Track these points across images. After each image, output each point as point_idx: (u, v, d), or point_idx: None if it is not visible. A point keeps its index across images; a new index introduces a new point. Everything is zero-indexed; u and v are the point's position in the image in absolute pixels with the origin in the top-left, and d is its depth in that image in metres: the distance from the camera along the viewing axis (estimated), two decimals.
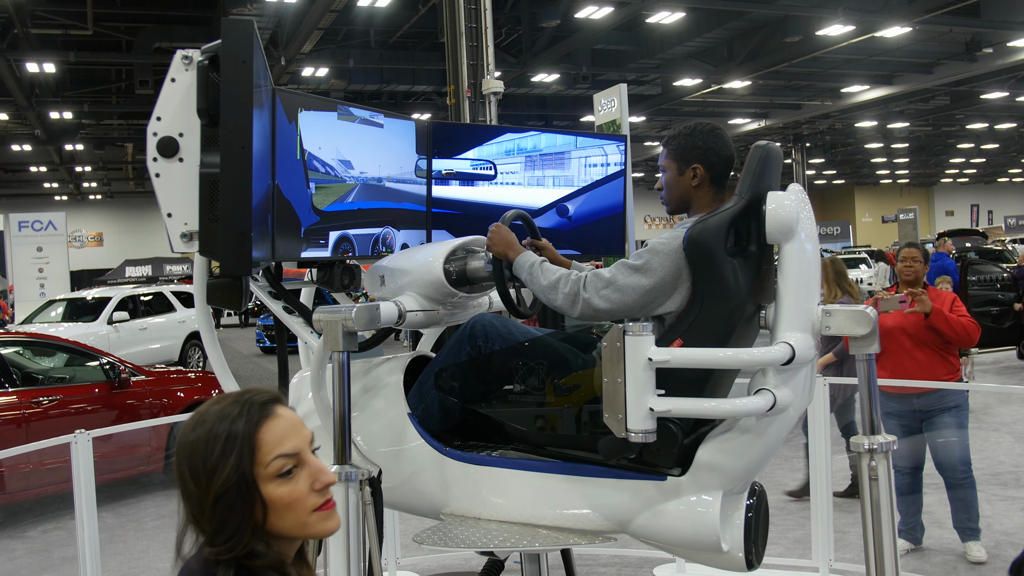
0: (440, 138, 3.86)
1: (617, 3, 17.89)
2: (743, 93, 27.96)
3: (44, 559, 6.50)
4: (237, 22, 2.30)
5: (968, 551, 5.50)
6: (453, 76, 11.72)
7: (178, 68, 2.51)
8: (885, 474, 2.69)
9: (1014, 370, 13.18)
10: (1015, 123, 38.73)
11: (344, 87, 24.29)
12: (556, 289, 2.78)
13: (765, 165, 2.73)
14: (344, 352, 2.69)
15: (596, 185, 3.99)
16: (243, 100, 2.28)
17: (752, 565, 2.70)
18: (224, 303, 2.65)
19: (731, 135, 2.80)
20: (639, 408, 2.46)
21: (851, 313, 2.68)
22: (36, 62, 19.51)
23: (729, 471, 2.65)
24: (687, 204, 2.90)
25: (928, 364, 5.46)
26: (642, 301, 2.68)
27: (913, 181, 61.20)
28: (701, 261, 2.62)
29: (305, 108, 3.01)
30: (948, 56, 24.61)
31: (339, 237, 3.27)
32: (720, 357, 2.55)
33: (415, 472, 3.00)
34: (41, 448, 5.03)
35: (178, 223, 2.53)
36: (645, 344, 2.46)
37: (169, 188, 2.52)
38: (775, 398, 2.51)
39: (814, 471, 5.22)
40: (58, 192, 42.68)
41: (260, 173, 2.65)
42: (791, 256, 2.63)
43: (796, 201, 2.65)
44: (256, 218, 2.56)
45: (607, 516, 2.76)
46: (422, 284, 3.13)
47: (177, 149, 2.51)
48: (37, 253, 20.28)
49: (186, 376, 9.38)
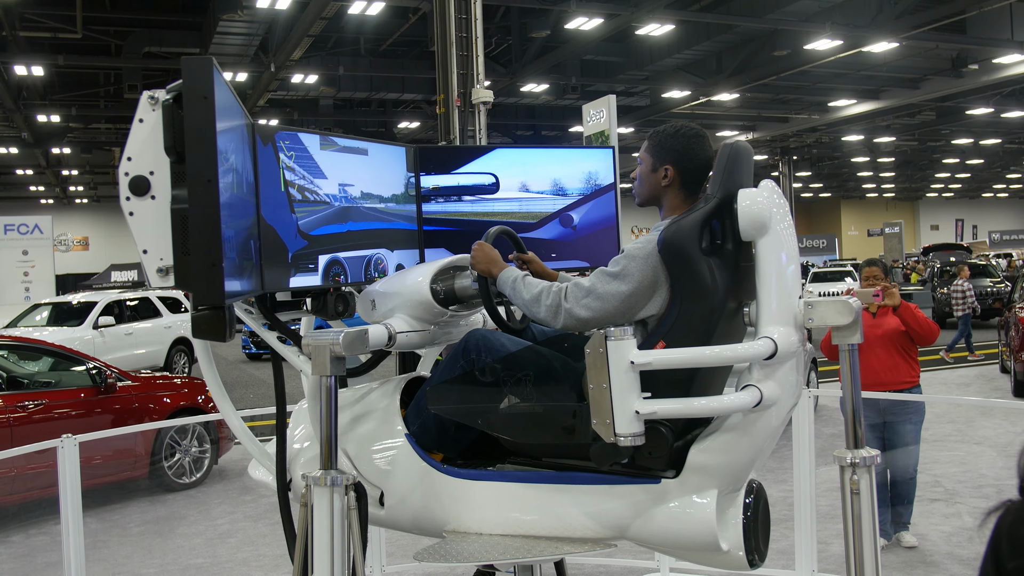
0: (431, 158, 3.91)
1: (607, 15, 17.98)
2: (731, 105, 28.12)
3: (27, 564, 6.47)
4: (196, 59, 2.36)
5: (902, 540, 6.02)
6: (443, 85, 11.76)
7: (145, 108, 2.57)
8: (867, 488, 2.68)
9: (996, 383, 13.27)
10: (1000, 139, 39.06)
11: (333, 94, 24.31)
12: (538, 302, 2.81)
13: (735, 163, 2.75)
14: (332, 377, 2.72)
15: (599, 194, 4.03)
16: (206, 135, 2.34)
17: (754, 564, 2.70)
18: (209, 335, 2.66)
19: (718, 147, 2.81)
20: (625, 412, 2.48)
21: (833, 303, 2.67)
22: (24, 65, 19.44)
23: (721, 470, 2.65)
24: (656, 200, 2.94)
25: (892, 365, 5.93)
26: (623, 307, 2.70)
27: (899, 195, 61.62)
28: (677, 262, 2.64)
29: (284, 136, 3.08)
30: (934, 72, 24.84)
31: (329, 261, 3.30)
32: (701, 356, 2.55)
33: (414, 492, 3.01)
34: (27, 452, 5.02)
35: (154, 259, 2.57)
36: (627, 348, 2.48)
37: (143, 225, 2.57)
38: (761, 393, 2.53)
39: (798, 481, 5.26)
40: (44, 195, 42.52)
41: (241, 206, 2.70)
42: (767, 251, 2.64)
43: (768, 197, 2.66)
44: (238, 250, 2.60)
45: (604, 523, 2.76)
46: (411, 305, 3.15)
47: (148, 187, 2.56)
48: (22, 256, 20.23)
49: (172, 382, 9.34)
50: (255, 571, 6.07)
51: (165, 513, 7.74)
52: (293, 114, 26.65)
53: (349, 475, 2.76)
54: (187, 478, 8.49)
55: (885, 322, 5.90)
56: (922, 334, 5.86)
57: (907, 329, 5.88)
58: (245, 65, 20.53)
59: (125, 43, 19.73)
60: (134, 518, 7.58)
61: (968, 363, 15.68)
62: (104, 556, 6.51)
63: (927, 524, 6.46)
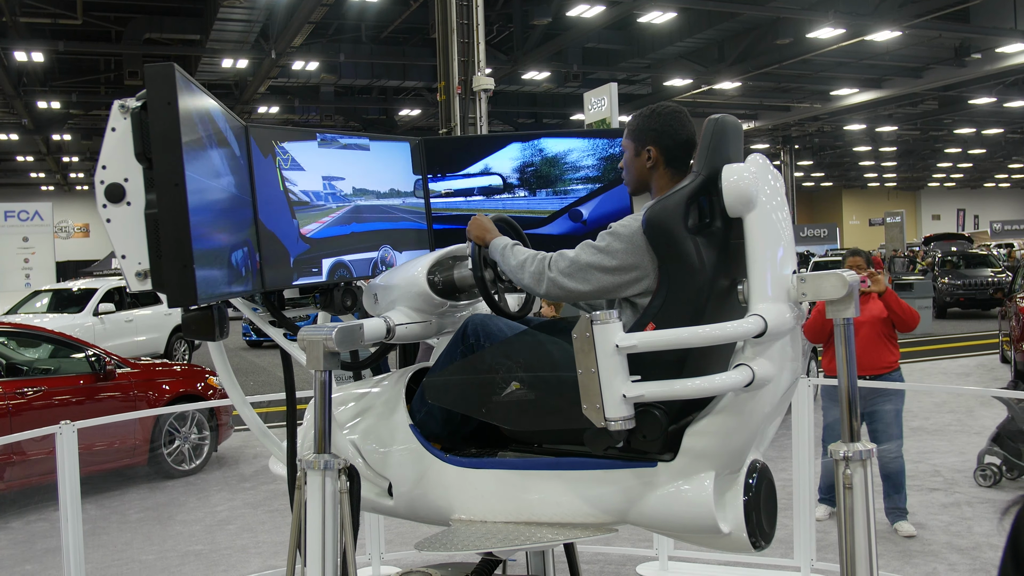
0: (438, 154, 3.89)
1: (609, 2, 17.91)
2: (733, 94, 28.03)
3: (27, 550, 6.48)
4: (159, 67, 2.40)
5: (899, 529, 6.04)
6: (444, 72, 11.74)
7: (116, 117, 2.60)
8: (861, 483, 2.62)
9: (996, 372, 13.27)
10: (1002, 128, 38.98)
11: (334, 81, 24.25)
12: (523, 269, 2.82)
13: (720, 138, 2.70)
14: (325, 372, 2.76)
15: (609, 187, 3.95)
16: (172, 140, 2.38)
17: (758, 545, 2.66)
18: (200, 335, 2.77)
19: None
20: (613, 396, 2.46)
21: (827, 276, 2.59)
22: (24, 51, 19.40)
23: (717, 452, 2.61)
24: (645, 185, 2.91)
25: (874, 349, 6.10)
26: (605, 281, 2.69)
27: (900, 185, 61.52)
28: (662, 242, 2.61)
29: (281, 140, 3.13)
30: (937, 61, 24.76)
31: (334, 264, 3.34)
32: (687, 336, 2.49)
33: (420, 482, 3.03)
34: (25, 439, 5.02)
35: (132, 263, 2.61)
36: (613, 331, 2.46)
37: (120, 231, 2.61)
38: (753, 372, 2.48)
39: (797, 471, 5.25)
40: (45, 182, 42.50)
41: (231, 207, 2.76)
42: (755, 227, 2.59)
43: (755, 171, 2.61)
44: (228, 250, 2.67)
45: (604, 508, 2.75)
46: (410, 297, 3.17)
47: (124, 194, 2.61)
48: (23, 243, 20.20)
49: (172, 369, 9.34)
50: (254, 558, 6.08)
51: (164, 500, 7.75)
52: (294, 101, 26.60)
53: (342, 459, 2.79)
54: (186, 465, 8.50)
55: (867, 308, 6.09)
56: (905, 319, 6.08)
57: (891, 315, 6.09)
58: (246, 52, 20.48)
59: (126, 29, 19.67)
60: (133, 505, 7.59)
61: (968, 353, 15.68)
62: (103, 543, 6.52)
63: (926, 513, 6.46)
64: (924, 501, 6.76)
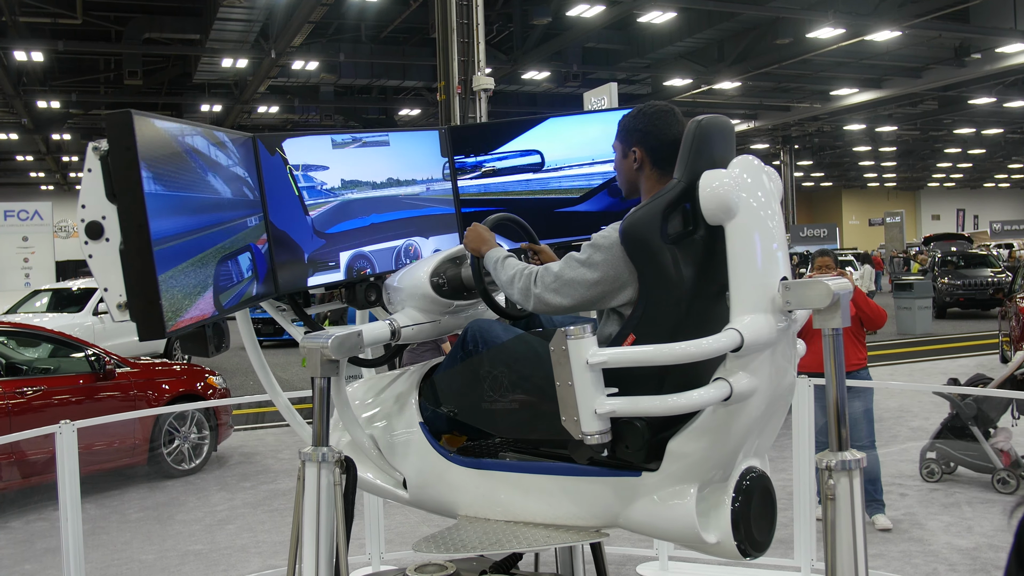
0: (469, 138, 3.90)
1: (609, 2, 17.91)
2: (733, 94, 28.02)
3: (26, 550, 6.48)
4: (116, 115, 2.49)
5: (876, 522, 6.14)
6: (444, 72, 11.74)
7: (91, 158, 2.68)
8: (845, 494, 2.51)
9: (996, 373, 13.23)
10: (1002, 129, 38.97)
11: (334, 81, 24.24)
12: (512, 284, 2.82)
13: (704, 142, 2.62)
14: (325, 378, 2.85)
15: None
16: (132, 183, 2.46)
17: (748, 554, 2.60)
18: (194, 351, 2.99)
19: None
20: (587, 410, 2.46)
21: (810, 284, 2.48)
22: (24, 50, 19.37)
23: (700, 463, 2.57)
24: (636, 188, 2.86)
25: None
26: (590, 295, 2.67)
27: (900, 185, 61.53)
28: (638, 253, 2.57)
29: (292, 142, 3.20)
30: (937, 61, 24.75)
31: (353, 256, 3.38)
32: (656, 354, 2.43)
33: (429, 478, 3.09)
34: (25, 439, 5.01)
35: (114, 295, 2.69)
36: (585, 347, 2.45)
37: (101, 266, 2.70)
38: (731, 387, 2.42)
39: (797, 471, 5.25)
40: (44, 182, 42.45)
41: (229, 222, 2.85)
42: (736, 236, 2.49)
43: (736, 177, 2.51)
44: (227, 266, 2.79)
45: (595, 513, 2.76)
46: (416, 299, 3.21)
47: (102, 231, 2.69)
48: (22, 243, 20.19)
49: (171, 368, 9.34)
50: (254, 557, 6.08)
51: (164, 499, 7.75)
52: (294, 101, 26.59)
53: (338, 452, 2.89)
54: (186, 464, 8.50)
55: None
56: (872, 318, 6.30)
57: (859, 313, 6.23)
58: (245, 51, 20.46)
59: (125, 29, 19.65)
60: (133, 504, 7.59)
61: (968, 353, 15.67)
62: (103, 542, 6.52)
63: (926, 513, 6.46)
64: (924, 500, 6.76)
